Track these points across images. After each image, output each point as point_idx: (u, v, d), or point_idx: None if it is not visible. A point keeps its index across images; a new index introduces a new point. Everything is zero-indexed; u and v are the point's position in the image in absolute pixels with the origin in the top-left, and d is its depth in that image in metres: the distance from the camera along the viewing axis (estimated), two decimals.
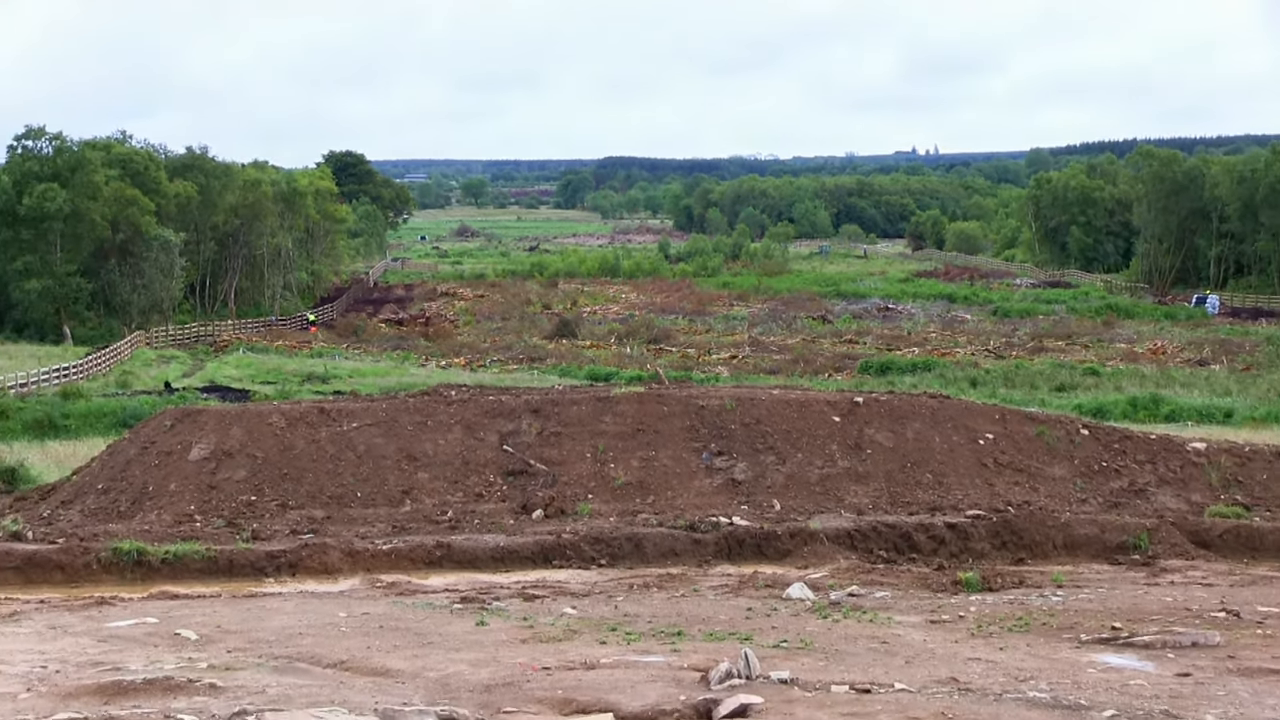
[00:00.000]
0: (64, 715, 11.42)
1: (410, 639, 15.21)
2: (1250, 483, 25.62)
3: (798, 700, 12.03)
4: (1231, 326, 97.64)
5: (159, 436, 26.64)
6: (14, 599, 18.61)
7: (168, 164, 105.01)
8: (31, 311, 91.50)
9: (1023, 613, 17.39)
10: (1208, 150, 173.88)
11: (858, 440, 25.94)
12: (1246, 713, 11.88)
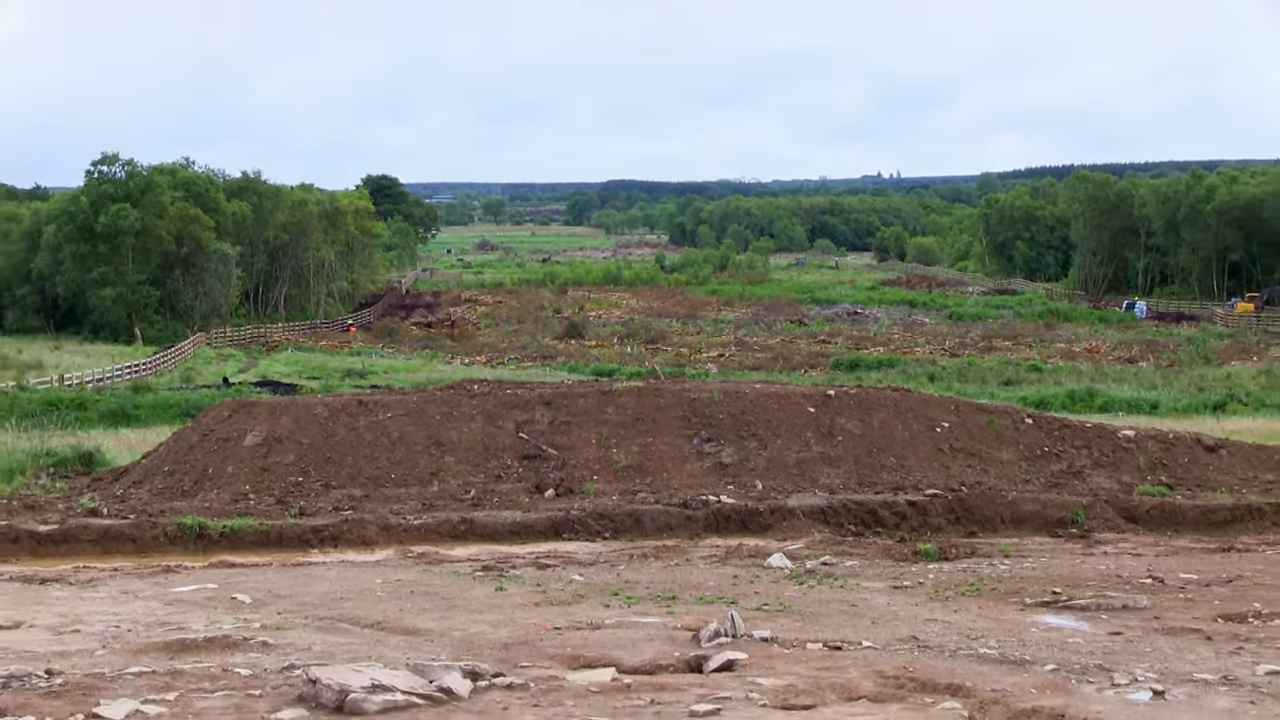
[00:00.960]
0: (135, 668, 11.44)
1: (438, 602, 15.24)
2: (1173, 465, 25.66)
3: (777, 656, 12.05)
4: (1157, 329, 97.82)
5: (218, 425, 26.68)
6: (91, 567, 18.65)
7: (225, 186, 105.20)
8: (106, 316, 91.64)
9: (974, 579, 17.42)
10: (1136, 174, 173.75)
11: (830, 428, 25.97)
12: (1170, 666, 11.91)
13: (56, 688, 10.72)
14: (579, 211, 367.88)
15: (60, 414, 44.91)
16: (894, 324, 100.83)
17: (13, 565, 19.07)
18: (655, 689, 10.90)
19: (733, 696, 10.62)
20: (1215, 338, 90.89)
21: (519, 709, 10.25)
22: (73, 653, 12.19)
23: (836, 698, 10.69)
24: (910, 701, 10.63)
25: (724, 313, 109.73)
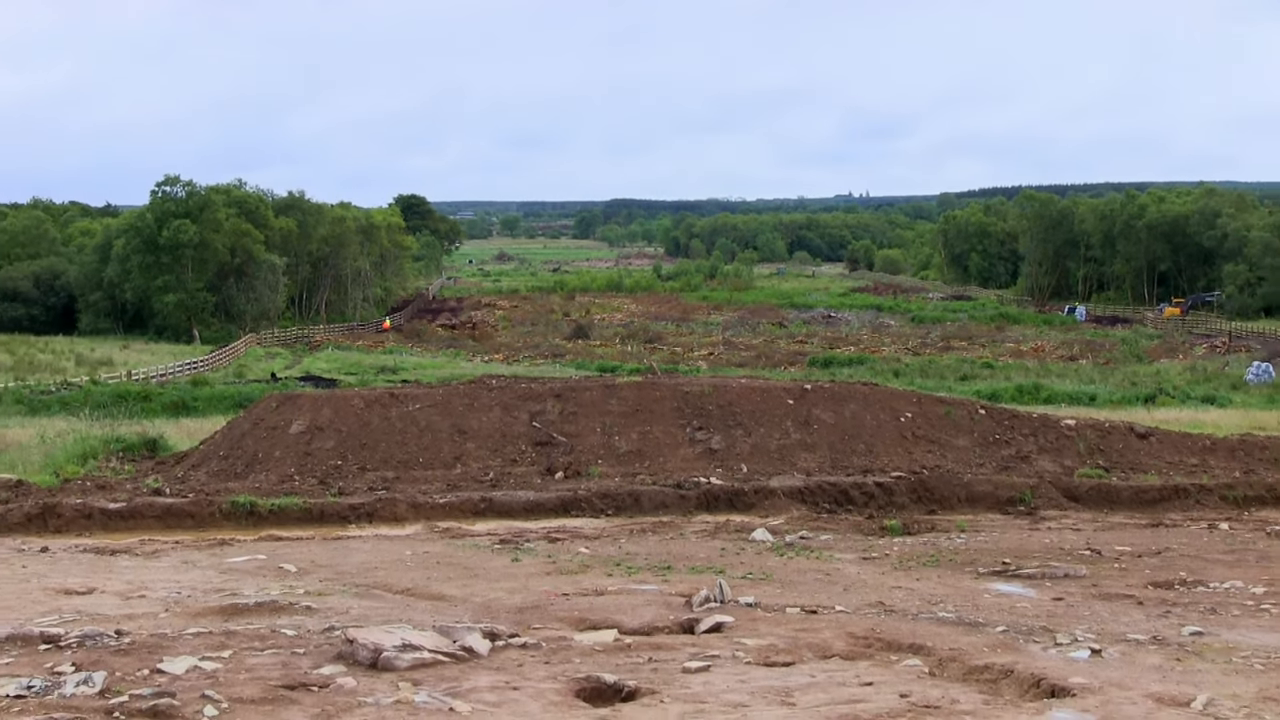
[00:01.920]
0: (194, 630, 11.44)
1: (460, 572, 15.24)
2: (1109, 451, 25.67)
3: (760, 619, 12.07)
4: (1095, 330, 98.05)
5: (266, 415, 26.68)
6: (155, 540, 18.66)
7: (274, 204, 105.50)
8: (168, 319, 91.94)
9: (934, 551, 17.44)
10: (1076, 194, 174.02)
11: (807, 418, 25.97)
12: (1106, 628, 11.93)
13: (125, 646, 10.73)
14: (585, 227, 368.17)
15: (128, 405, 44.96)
16: (863, 326, 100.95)
17: (86, 538, 19.09)
18: (652, 648, 10.92)
19: (721, 654, 10.63)
20: (1146, 338, 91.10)
21: (532, 665, 10.26)
22: (139, 615, 12.21)
23: (812, 656, 10.70)
24: (878, 659, 10.64)
25: (713, 316, 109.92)
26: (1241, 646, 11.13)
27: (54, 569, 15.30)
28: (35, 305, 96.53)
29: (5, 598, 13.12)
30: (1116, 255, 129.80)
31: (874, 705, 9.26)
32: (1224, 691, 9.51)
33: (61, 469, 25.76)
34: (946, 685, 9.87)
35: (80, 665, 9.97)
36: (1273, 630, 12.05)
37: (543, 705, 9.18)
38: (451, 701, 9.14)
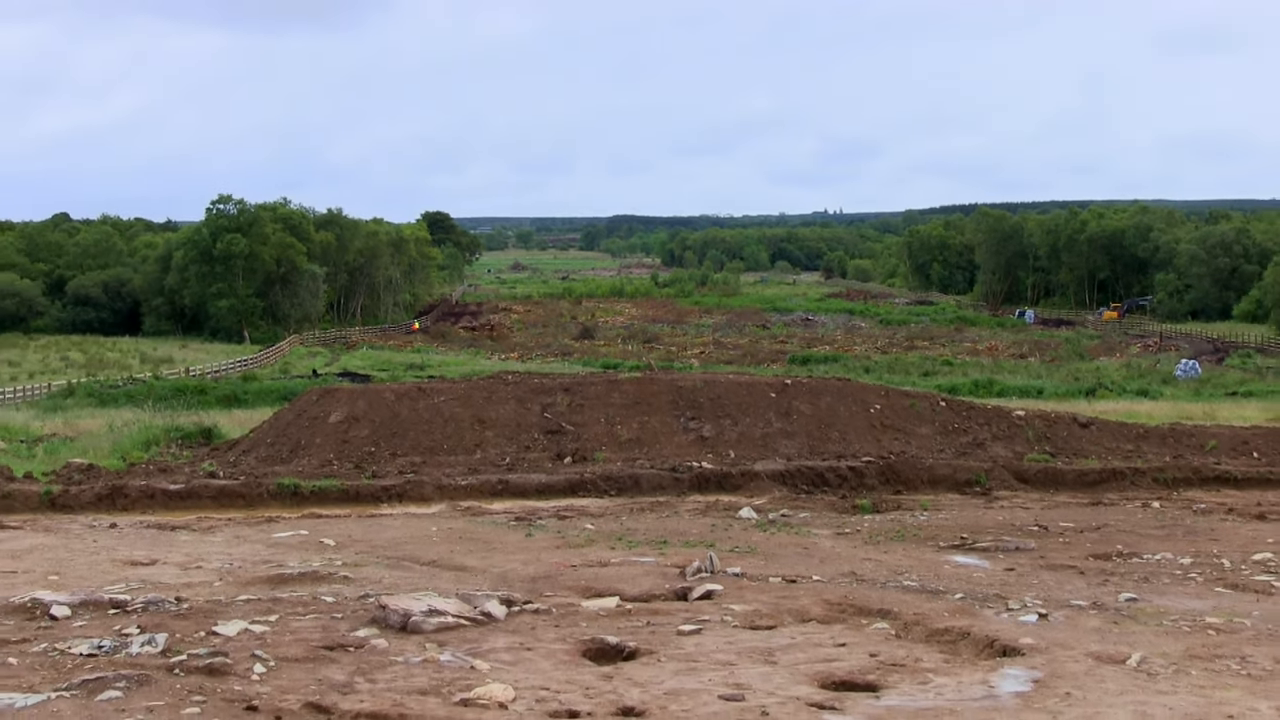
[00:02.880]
0: (244, 596, 11.45)
1: (480, 546, 15.25)
2: (1055, 438, 25.68)
3: (746, 587, 12.07)
4: (1042, 331, 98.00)
5: (308, 407, 26.68)
6: (210, 518, 18.67)
7: (315, 220, 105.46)
8: (221, 321, 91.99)
9: (900, 527, 17.44)
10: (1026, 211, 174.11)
11: (787, 409, 25.97)
12: (1052, 595, 11.93)
13: (184, 611, 10.74)
14: (591, 240, 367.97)
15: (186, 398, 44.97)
16: (837, 328, 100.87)
17: (149, 516, 19.09)
18: (650, 613, 10.93)
19: (711, 619, 10.64)
20: (1087, 339, 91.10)
21: (544, 628, 10.27)
22: (196, 584, 12.22)
23: (792, 620, 10.71)
24: (850, 623, 10.65)
25: (704, 319, 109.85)
26: (1171, 611, 11.15)
27: (121, 543, 15.31)
28: (104, 310, 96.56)
29: (78, 568, 13.14)
30: (1061, 265, 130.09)
31: (847, 664, 9.27)
32: (1155, 650, 9.53)
33: (128, 454, 25.79)
34: (911, 646, 9.88)
35: (145, 628, 9.98)
36: (1198, 597, 12.06)
37: (553, 664, 9.19)
38: (472, 660, 9.15)
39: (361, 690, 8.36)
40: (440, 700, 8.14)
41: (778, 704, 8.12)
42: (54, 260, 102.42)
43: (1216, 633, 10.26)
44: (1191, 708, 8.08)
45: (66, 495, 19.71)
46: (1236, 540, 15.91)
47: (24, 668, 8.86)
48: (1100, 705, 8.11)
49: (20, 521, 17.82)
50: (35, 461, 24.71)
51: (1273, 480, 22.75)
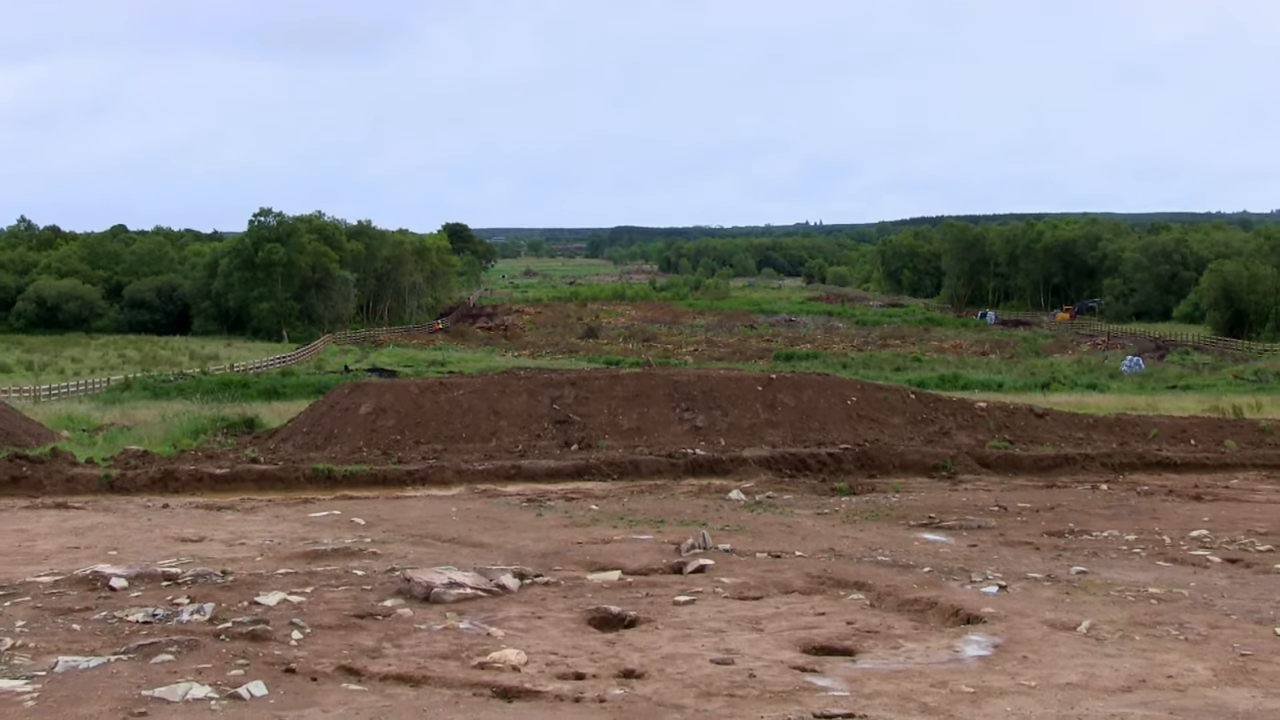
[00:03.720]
0: (283, 570, 11.46)
1: (495, 524, 15.24)
2: (1013, 427, 25.65)
3: (735, 562, 12.08)
4: (1002, 331, 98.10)
5: (340, 399, 26.65)
6: (252, 499, 18.66)
7: (346, 231, 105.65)
8: (262, 322, 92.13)
9: (874, 508, 17.44)
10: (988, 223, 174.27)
11: (772, 402, 25.95)
12: (1010, 568, 11.94)
13: (229, 583, 10.74)
14: (595, 248, 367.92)
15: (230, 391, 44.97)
16: (817, 328, 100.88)
17: (198, 497, 19.08)
18: (649, 585, 10.93)
19: (704, 590, 10.64)
20: (1043, 338, 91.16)
21: (553, 599, 10.27)
22: (240, 559, 12.22)
23: (777, 591, 10.71)
24: (829, 594, 10.65)
25: (697, 320, 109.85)
26: (1117, 583, 11.16)
27: (172, 522, 15.32)
28: (158, 312, 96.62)
29: (135, 544, 13.15)
30: (1019, 271, 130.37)
31: (826, 631, 9.28)
32: (1103, 618, 9.53)
33: (178, 442, 25.77)
34: (884, 615, 9.88)
35: (194, 598, 9.99)
36: (1142, 570, 12.08)
37: (561, 631, 9.19)
38: (488, 628, 9.15)
39: (389, 654, 8.37)
40: (459, 664, 8.15)
41: (764, 667, 8.12)
42: (112, 268, 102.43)
43: (1158, 602, 10.27)
44: (1135, 669, 8.09)
45: (124, 479, 19.70)
46: (1175, 519, 15.92)
47: (86, 633, 8.87)
48: (1054, 667, 8.12)
49: (83, 502, 17.83)
50: (96, 448, 24.70)
51: (1208, 465, 22.75)
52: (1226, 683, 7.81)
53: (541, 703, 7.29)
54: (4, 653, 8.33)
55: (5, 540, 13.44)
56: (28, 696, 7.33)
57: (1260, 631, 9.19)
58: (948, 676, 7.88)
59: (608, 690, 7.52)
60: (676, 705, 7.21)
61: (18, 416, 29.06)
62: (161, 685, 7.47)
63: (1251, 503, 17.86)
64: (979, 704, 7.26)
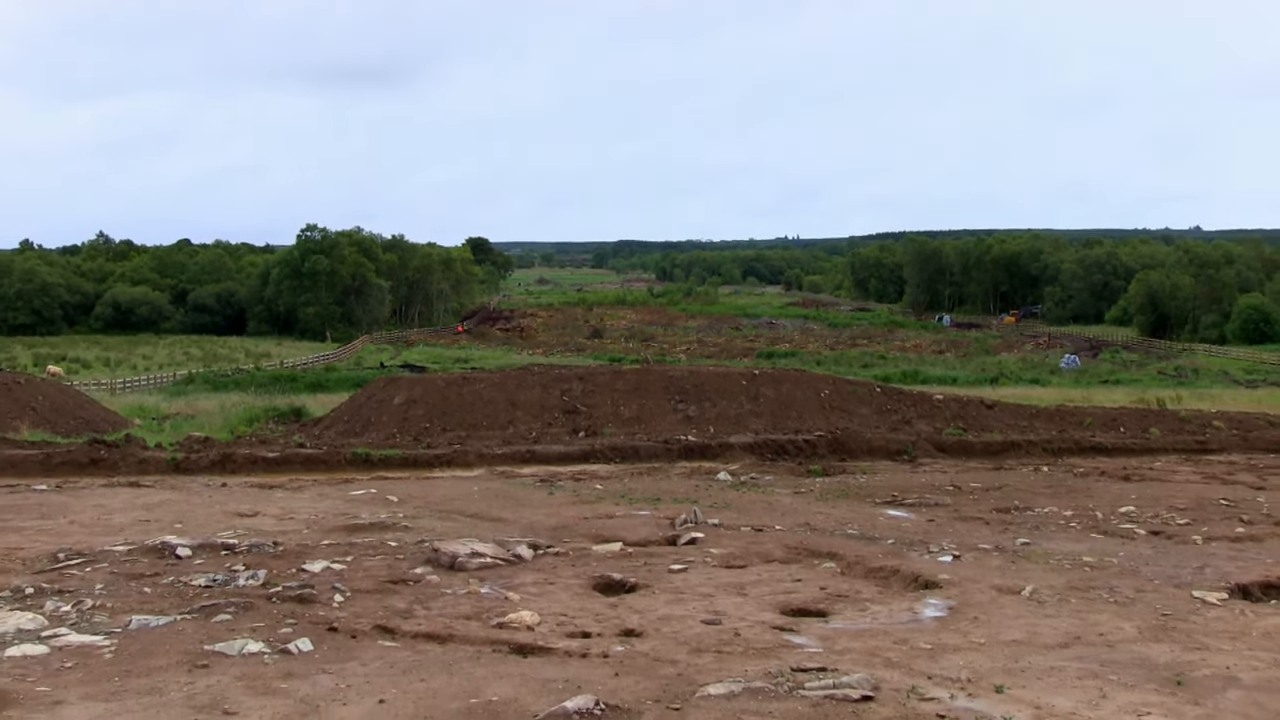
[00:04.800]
0: (327, 541, 11.45)
1: (512, 502, 15.23)
2: (966, 417, 25.64)
3: (724, 535, 12.07)
4: (956, 333, 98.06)
5: (376, 391, 26.64)
6: (299, 479, 18.64)
7: (382, 244, 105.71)
8: (308, 324, 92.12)
9: (845, 488, 17.44)
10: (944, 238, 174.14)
11: (756, 394, 25.94)
12: (963, 540, 11.93)
13: (279, 552, 10.74)
14: (600, 260, 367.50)
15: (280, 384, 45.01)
16: (795, 330, 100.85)
17: (252, 478, 19.05)
18: (647, 555, 10.92)
19: (695, 560, 10.64)
20: (992, 338, 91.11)
21: (563, 567, 10.26)
22: (289, 532, 12.21)
23: (759, 560, 10.71)
24: (805, 563, 10.65)
25: (690, 323, 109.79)
26: (1056, 553, 11.16)
27: (230, 499, 15.31)
28: (217, 315, 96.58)
29: (198, 519, 13.14)
30: (971, 280, 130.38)
31: (802, 595, 9.27)
32: (1043, 583, 9.53)
33: (235, 429, 25.79)
34: (853, 581, 9.88)
35: (249, 565, 9.98)
36: (1077, 541, 12.07)
37: (570, 595, 9.19)
38: (506, 592, 9.15)
39: (419, 616, 8.37)
40: (481, 624, 8.15)
41: (747, 627, 8.12)
42: (178, 276, 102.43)
43: (1091, 569, 10.27)
44: (1071, 627, 8.09)
45: (188, 461, 19.70)
46: (1107, 497, 15.92)
47: (156, 596, 8.87)
48: (1000, 626, 8.12)
49: (152, 481, 17.82)
50: (164, 434, 24.70)
51: (1135, 450, 22.75)
52: (1150, 639, 7.81)
53: (552, 658, 7.29)
54: (85, 612, 8.34)
55: (86, 514, 13.44)
56: (106, 650, 7.35)
57: (1179, 594, 9.20)
58: (908, 635, 7.88)
59: (610, 647, 7.52)
60: (671, 660, 7.21)
61: (96, 406, 29.08)
62: (221, 641, 7.47)
63: (1172, 483, 17.86)
64: (935, 659, 7.26)
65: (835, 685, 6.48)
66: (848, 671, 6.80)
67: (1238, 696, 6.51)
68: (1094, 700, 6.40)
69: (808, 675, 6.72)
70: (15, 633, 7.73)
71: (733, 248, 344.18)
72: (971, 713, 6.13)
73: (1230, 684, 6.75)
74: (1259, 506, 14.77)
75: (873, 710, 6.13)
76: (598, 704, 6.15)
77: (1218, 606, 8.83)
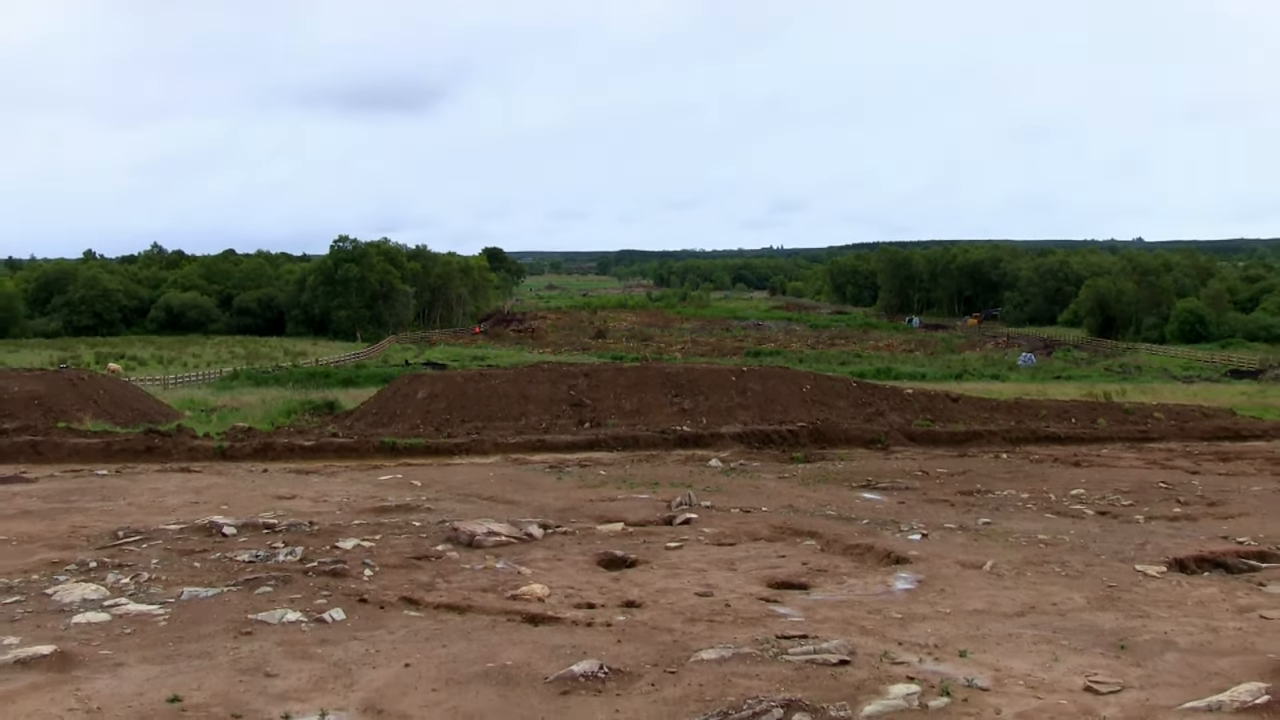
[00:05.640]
0: (358, 521, 11.45)
1: (524, 486, 15.23)
2: (933, 408, 25.64)
3: (715, 516, 12.07)
4: (925, 333, 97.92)
5: (402, 387, 26.63)
6: (333, 466, 18.65)
7: (407, 254, 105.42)
8: (340, 326, 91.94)
9: (824, 473, 17.44)
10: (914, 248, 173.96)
11: (744, 389, 25.93)
12: (931, 520, 11.93)
13: (315, 531, 10.74)
14: (603, 267, 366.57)
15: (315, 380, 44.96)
16: (779, 330, 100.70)
17: (290, 464, 19.07)
18: (645, 534, 10.93)
19: (689, 538, 10.64)
20: (956, 338, 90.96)
21: (570, 544, 10.26)
22: (323, 513, 12.22)
23: (747, 539, 10.71)
24: (788, 541, 10.65)
25: (684, 324, 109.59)
26: (1014, 531, 11.17)
27: (271, 483, 15.31)
28: (258, 318, 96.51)
29: (241, 501, 13.14)
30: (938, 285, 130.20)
31: (786, 569, 9.28)
32: (1003, 558, 9.54)
33: (275, 420, 25.77)
34: (832, 557, 9.89)
35: (287, 543, 9.98)
36: (1033, 521, 12.08)
37: (577, 569, 9.19)
38: (519, 567, 9.15)
39: (440, 588, 8.37)
40: (496, 595, 8.15)
41: (737, 598, 8.13)
42: (224, 283, 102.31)
43: (1045, 545, 10.28)
44: (1027, 598, 8.10)
45: (233, 449, 19.71)
46: (1059, 481, 15.93)
47: (205, 569, 8.88)
48: (964, 597, 8.13)
49: (201, 467, 17.83)
50: (211, 425, 24.70)
51: (1085, 438, 22.76)
52: (1097, 608, 7.82)
53: (561, 626, 7.30)
54: (142, 584, 8.35)
55: (142, 496, 13.45)
56: (161, 618, 7.36)
57: (1123, 568, 9.21)
58: (881, 605, 7.89)
59: (613, 617, 7.52)
60: (668, 629, 7.22)
61: (151, 400, 29.07)
62: (263, 610, 7.48)
63: (1118, 468, 17.88)
64: (906, 627, 7.27)
65: (816, 651, 6.48)
66: (827, 638, 6.81)
67: (1174, 659, 6.52)
68: (1047, 663, 6.41)
69: (791, 642, 6.72)
70: (81, 602, 7.74)
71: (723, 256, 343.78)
72: (938, 675, 6.14)
73: (1168, 648, 6.76)
74: (1194, 489, 14.78)
75: (849, 673, 6.13)
76: (601, 668, 6.16)
77: (1157, 579, 8.84)
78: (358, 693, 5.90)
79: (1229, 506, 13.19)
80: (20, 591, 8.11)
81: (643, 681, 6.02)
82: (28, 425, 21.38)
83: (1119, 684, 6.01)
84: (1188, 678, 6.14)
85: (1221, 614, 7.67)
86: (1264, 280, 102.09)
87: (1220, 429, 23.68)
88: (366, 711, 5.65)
